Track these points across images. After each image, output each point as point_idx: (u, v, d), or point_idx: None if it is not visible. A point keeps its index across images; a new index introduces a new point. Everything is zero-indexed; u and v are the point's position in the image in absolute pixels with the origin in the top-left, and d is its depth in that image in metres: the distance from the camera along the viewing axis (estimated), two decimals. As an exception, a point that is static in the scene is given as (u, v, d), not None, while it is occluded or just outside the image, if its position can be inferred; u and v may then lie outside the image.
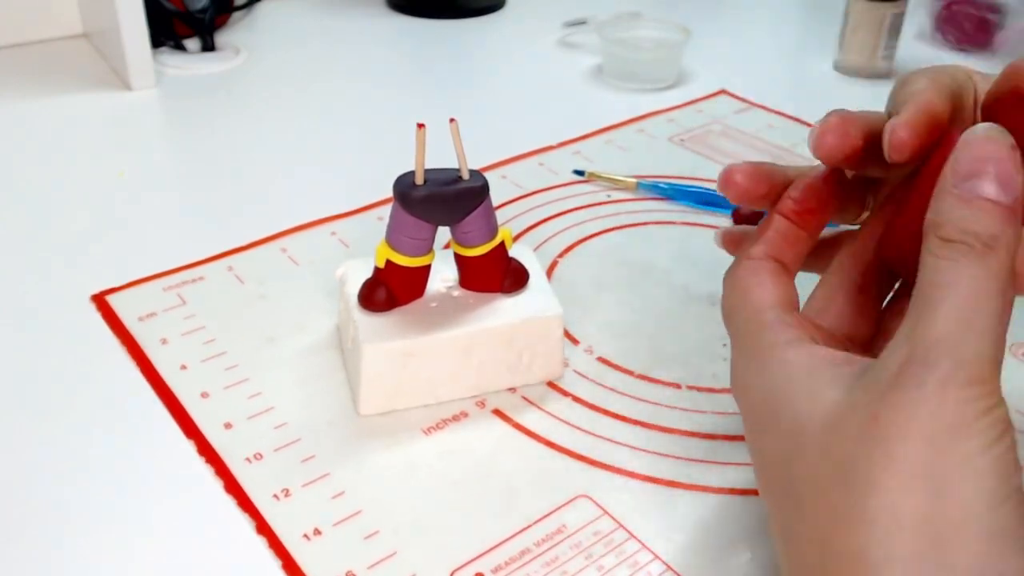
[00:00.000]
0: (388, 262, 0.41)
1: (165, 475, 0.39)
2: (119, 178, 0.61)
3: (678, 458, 0.40)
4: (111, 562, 0.35)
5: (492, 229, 0.42)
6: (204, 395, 0.42)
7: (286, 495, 0.37)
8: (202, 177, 0.62)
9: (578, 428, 0.41)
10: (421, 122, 0.38)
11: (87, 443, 0.40)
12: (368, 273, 0.42)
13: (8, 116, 0.69)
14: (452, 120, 0.39)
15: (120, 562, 0.35)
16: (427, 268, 0.42)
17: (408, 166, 0.39)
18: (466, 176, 0.40)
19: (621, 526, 0.37)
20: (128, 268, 0.51)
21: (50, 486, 0.38)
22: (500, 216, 0.57)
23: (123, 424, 0.41)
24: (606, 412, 0.42)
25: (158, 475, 0.39)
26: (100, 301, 0.48)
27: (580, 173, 0.62)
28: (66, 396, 0.43)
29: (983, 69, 0.36)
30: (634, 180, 0.60)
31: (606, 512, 0.37)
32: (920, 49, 0.86)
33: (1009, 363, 0.46)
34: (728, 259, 0.53)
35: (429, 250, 0.41)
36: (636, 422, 0.42)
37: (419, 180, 0.40)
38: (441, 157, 0.40)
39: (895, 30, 0.77)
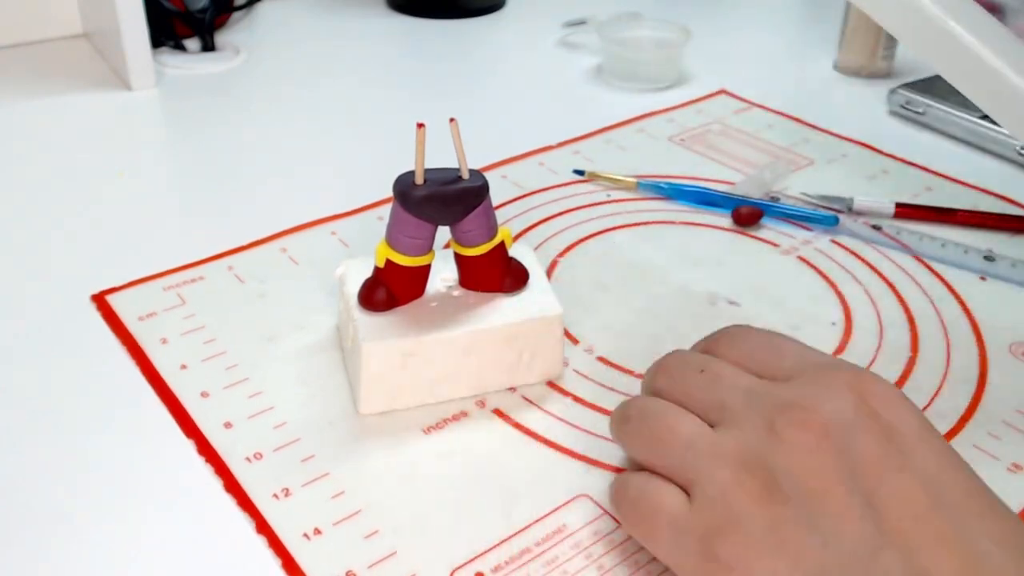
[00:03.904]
0: (388, 262, 0.41)
1: (165, 475, 0.38)
2: (119, 178, 0.61)
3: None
4: (110, 562, 0.35)
5: (492, 229, 0.42)
6: (204, 395, 0.42)
7: (286, 494, 0.37)
8: (202, 177, 0.62)
9: (578, 428, 0.41)
10: (421, 122, 0.38)
11: (86, 443, 0.40)
12: (368, 272, 0.42)
13: (8, 116, 0.69)
14: (452, 120, 0.39)
15: (119, 562, 0.35)
16: (427, 268, 0.42)
17: (408, 166, 0.39)
18: (466, 176, 0.40)
19: (621, 525, 0.37)
20: (128, 268, 0.51)
21: (49, 485, 0.38)
22: (500, 216, 0.57)
23: (123, 424, 0.41)
24: (606, 412, 0.42)
25: (158, 475, 0.39)
26: (100, 301, 0.48)
27: (580, 173, 0.62)
28: (65, 396, 0.43)
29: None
30: (634, 180, 0.60)
31: (606, 512, 0.37)
32: (920, 49, 0.86)
33: (1009, 362, 0.47)
34: (728, 261, 0.53)
35: (429, 250, 0.41)
36: (636, 422, 0.42)
37: (419, 180, 0.39)
38: (441, 157, 0.40)
39: (895, 30, 0.77)
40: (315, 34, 0.86)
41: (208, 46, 0.81)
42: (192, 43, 0.81)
